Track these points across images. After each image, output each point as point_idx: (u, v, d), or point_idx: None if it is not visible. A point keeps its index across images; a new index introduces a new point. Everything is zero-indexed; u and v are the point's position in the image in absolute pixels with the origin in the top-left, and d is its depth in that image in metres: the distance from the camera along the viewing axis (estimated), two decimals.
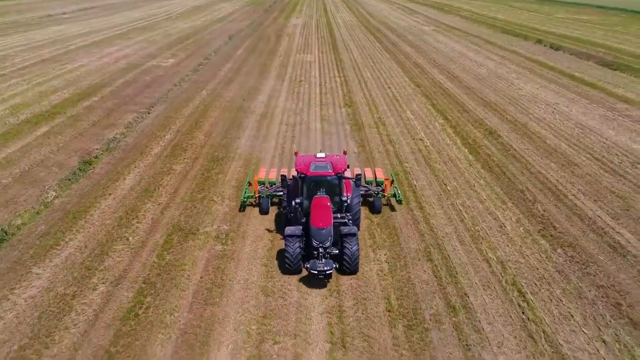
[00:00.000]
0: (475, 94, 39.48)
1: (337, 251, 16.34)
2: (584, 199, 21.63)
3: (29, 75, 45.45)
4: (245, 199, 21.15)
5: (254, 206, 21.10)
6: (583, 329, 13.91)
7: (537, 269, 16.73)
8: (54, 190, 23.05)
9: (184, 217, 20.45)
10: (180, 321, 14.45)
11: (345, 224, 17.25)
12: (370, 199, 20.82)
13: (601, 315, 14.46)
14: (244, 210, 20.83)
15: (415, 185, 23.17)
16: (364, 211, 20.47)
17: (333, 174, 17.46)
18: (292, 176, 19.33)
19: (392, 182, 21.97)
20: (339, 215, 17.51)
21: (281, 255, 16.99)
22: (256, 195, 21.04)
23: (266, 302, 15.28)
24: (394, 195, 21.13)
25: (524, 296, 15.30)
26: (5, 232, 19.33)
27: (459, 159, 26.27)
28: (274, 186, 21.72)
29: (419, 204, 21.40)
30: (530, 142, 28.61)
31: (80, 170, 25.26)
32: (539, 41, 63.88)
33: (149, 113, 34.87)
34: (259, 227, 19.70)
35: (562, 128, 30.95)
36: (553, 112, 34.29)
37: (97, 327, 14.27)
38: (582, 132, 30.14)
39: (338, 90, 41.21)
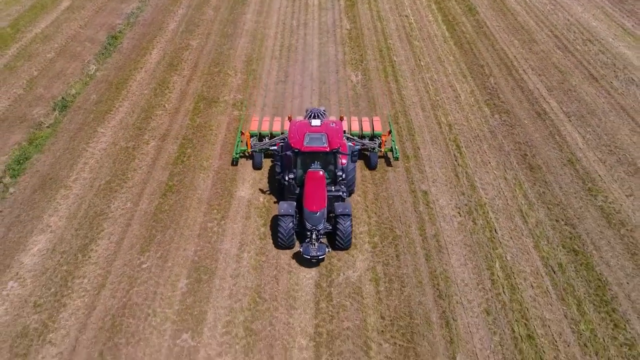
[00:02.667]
0: None
1: (330, 227, 16.41)
2: (531, 74, 26.37)
3: None
4: (237, 155, 20.51)
5: (247, 158, 20.78)
6: (494, 171, 20.00)
7: (475, 129, 22.37)
8: (93, 64, 27.75)
9: (205, 88, 25.51)
10: (214, 165, 20.53)
11: (339, 197, 17.16)
12: (366, 153, 20.34)
13: (510, 162, 20.45)
14: (236, 165, 20.52)
15: (394, 61, 27.71)
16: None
17: (328, 149, 16.84)
18: (286, 153, 17.89)
19: (390, 132, 20.95)
20: (333, 189, 17.23)
21: (274, 229, 17.15)
22: (249, 150, 20.51)
23: None
24: (391, 150, 20.42)
25: (459, 149, 21.16)
26: (66, 100, 24.65)
27: (436, 36, 30.29)
28: (266, 140, 20.77)
29: (395, 77, 26.25)
30: (503, 19, 32.18)
31: (110, 45, 29.59)
32: None
33: None
34: (267, 98, 24.87)
35: (536, 4, 34.09)
36: None
37: (156, 168, 20.40)
38: (552, 9, 33.42)
39: None
